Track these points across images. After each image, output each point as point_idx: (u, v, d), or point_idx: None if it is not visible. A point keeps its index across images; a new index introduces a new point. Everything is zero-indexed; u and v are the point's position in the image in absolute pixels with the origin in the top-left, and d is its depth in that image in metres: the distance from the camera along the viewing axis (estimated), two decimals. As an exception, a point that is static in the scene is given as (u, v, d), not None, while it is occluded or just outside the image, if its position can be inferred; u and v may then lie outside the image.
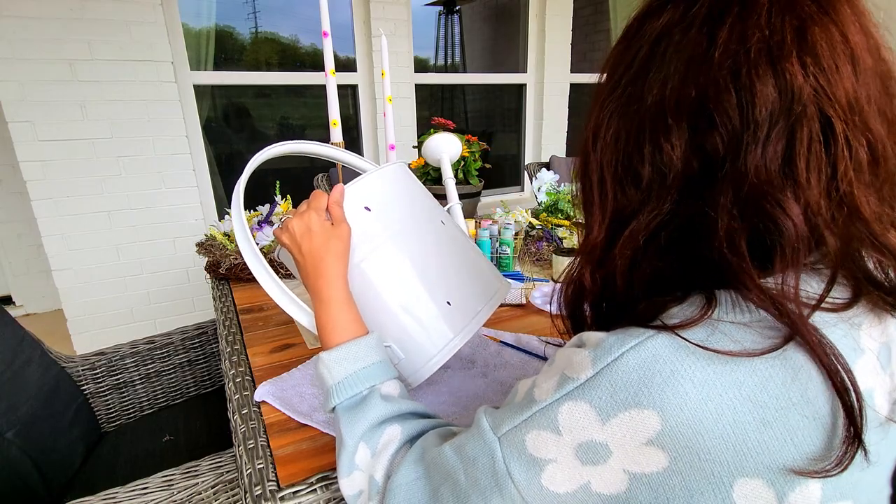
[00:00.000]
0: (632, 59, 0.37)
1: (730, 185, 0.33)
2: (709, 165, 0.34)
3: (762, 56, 0.31)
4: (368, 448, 0.48)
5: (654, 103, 0.35)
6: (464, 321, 0.65)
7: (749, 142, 0.32)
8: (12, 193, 2.58)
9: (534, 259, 1.28)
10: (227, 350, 0.88)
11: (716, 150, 0.33)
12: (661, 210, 0.36)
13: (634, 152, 0.36)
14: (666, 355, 0.31)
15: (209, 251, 1.24)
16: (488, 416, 0.40)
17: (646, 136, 0.36)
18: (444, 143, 0.95)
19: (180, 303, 2.39)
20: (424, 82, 2.86)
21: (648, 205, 0.36)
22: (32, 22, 1.83)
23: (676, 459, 0.31)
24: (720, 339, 0.32)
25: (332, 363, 0.52)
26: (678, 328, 0.32)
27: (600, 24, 3.49)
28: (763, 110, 0.31)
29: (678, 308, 0.35)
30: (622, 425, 0.32)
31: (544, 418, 0.35)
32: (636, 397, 0.31)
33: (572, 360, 0.35)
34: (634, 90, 0.36)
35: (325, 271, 0.57)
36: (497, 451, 0.37)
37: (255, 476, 0.58)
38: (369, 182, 0.66)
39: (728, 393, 0.30)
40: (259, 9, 2.48)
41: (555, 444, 0.34)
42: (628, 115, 0.37)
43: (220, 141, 2.52)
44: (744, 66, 0.32)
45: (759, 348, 0.31)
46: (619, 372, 0.32)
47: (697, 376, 0.30)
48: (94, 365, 1.16)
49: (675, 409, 0.30)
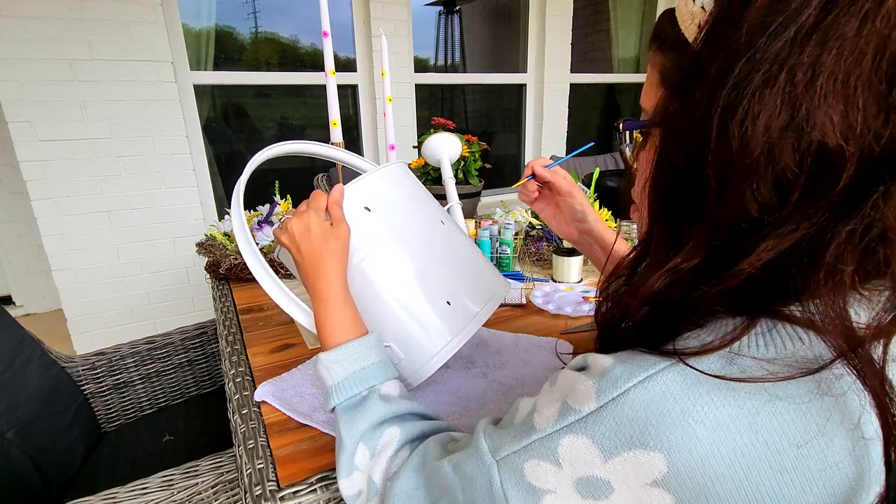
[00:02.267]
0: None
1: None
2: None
3: None
4: (368, 449, 0.47)
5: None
6: (464, 321, 0.65)
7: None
8: (12, 193, 2.58)
9: (534, 259, 1.29)
10: (227, 350, 0.89)
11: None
12: (810, 220, 0.28)
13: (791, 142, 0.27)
14: (677, 393, 0.29)
15: (209, 251, 1.24)
16: (487, 436, 0.39)
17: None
18: (444, 143, 0.95)
19: (180, 303, 2.39)
20: (424, 82, 2.86)
21: (813, 207, 0.28)
22: (32, 22, 1.83)
23: (683, 502, 0.29)
24: (737, 372, 0.29)
25: (332, 364, 0.52)
26: (694, 356, 0.30)
27: (600, 24, 3.49)
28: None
29: (695, 333, 0.32)
30: (625, 464, 0.30)
31: (544, 448, 0.34)
32: (642, 437, 0.29)
33: (576, 388, 0.33)
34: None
35: (325, 271, 0.57)
36: (495, 475, 0.36)
37: (255, 476, 0.58)
38: (369, 182, 0.66)
39: (744, 438, 0.28)
40: (259, 9, 2.48)
41: (554, 476, 0.33)
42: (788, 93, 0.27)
43: (220, 141, 2.52)
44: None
45: (787, 373, 0.28)
46: (624, 408, 0.30)
47: (710, 418, 0.28)
48: (94, 365, 1.16)
49: (684, 452, 0.28)
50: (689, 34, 0.34)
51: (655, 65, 0.39)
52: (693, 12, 0.33)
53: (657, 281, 0.33)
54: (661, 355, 0.31)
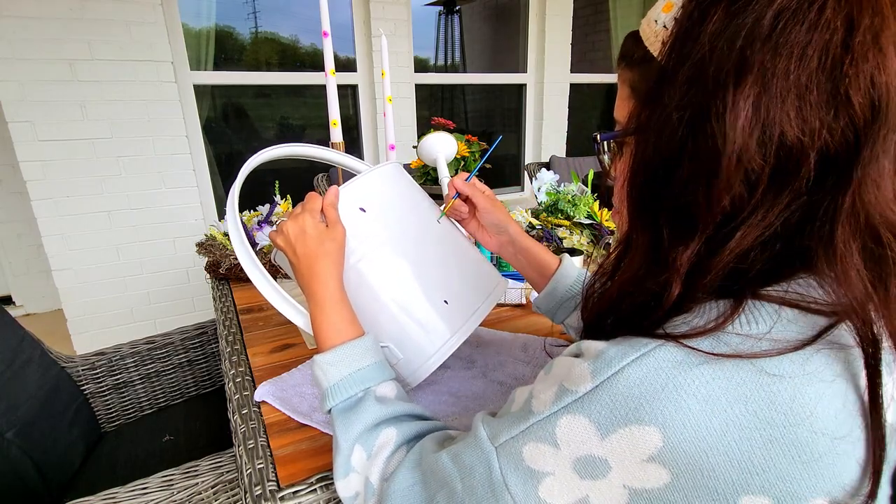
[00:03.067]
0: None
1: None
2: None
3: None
4: (364, 450, 0.48)
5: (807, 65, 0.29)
6: (461, 320, 0.65)
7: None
8: (12, 193, 2.58)
9: (533, 259, 1.28)
10: (227, 350, 0.89)
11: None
12: (778, 208, 0.31)
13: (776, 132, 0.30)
14: (669, 369, 0.30)
15: (209, 251, 1.24)
16: (485, 424, 0.40)
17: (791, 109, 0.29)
18: (439, 142, 0.95)
19: (180, 303, 2.39)
20: (424, 82, 2.86)
21: (779, 197, 0.31)
22: (32, 22, 1.83)
23: (678, 476, 0.30)
24: (723, 348, 0.31)
25: (327, 366, 0.52)
26: (684, 338, 0.31)
27: (600, 24, 3.49)
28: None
29: (682, 318, 0.33)
30: (622, 441, 0.31)
31: (542, 431, 0.34)
32: (637, 413, 0.30)
33: (571, 371, 0.34)
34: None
35: (320, 273, 0.57)
36: (494, 462, 0.37)
37: (255, 476, 0.58)
38: (364, 183, 0.66)
39: (734, 408, 0.29)
40: (259, 9, 2.48)
41: (552, 457, 0.34)
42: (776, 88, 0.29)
43: (220, 141, 2.52)
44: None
45: (774, 348, 0.30)
46: (619, 386, 0.31)
47: (702, 391, 0.29)
48: (94, 365, 1.16)
49: (678, 425, 0.29)
50: (655, 50, 0.36)
51: (625, 81, 0.41)
52: (656, 31, 0.36)
53: (638, 273, 0.36)
54: (654, 337, 0.32)
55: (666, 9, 0.35)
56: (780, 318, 0.31)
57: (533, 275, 0.75)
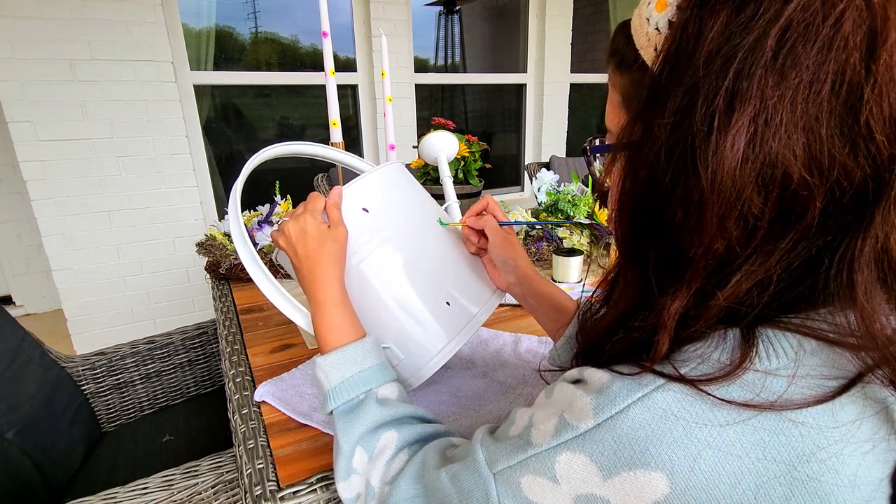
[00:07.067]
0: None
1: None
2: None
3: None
4: (365, 452, 0.48)
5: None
6: (463, 321, 0.65)
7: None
8: (12, 193, 2.58)
9: (534, 259, 1.29)
10: (227, 350, 0.89)
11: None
12: (785, 249, 0.28)
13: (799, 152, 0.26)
14: (678, 411, 0.28)
15: (209, 251, 1.24)
16: (483, 447, 0.38)
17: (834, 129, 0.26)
18: (441, 141, 0.94)
19: (180, 303, 2.39)
20: (424, 82, 2.86)
21: (781, 241, 0.28)
22: (33, 22, 1.83)
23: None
24: (742, 392, 0.28)
25: (328, 367, 0.52)
26: (698, 382, 0.28)
27: (600, 25, 3.49)
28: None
29: (693, 346, 0.30)
30: (626, 484, 0.29)
31: (540, 464, 0.33)
32: (642, 457, 0.28)
33: (573, 403, 0.32)
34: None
35: (321, 274, 0.57)
36: (492, 489, 0.36)
37: (255, 476, 0.58)
38: (366, 183, 0.66)
39: (750, 455, 0.26)
40: (259, 9, 2.48)
41: (551, 492, 0.33)
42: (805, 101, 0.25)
43: (220, 141, 2.52)
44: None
45: (802, 398, 0.26)
46: (623, 427, 0.29)
47: (714, 436, 0.27)
48: (94, 365, 1.16)
49: (687, 472, 0.27)
50: (647, 57, 0.33)
51: (616, 85, 0.38)
52: (649, 34, 0.33)
53: (627, 310, 0.34)
54: (660, 375, 0.30)
55: (659, 7, 0.31)
56: (802, 350, 0.28)
57: (544, 318, 0.68)
